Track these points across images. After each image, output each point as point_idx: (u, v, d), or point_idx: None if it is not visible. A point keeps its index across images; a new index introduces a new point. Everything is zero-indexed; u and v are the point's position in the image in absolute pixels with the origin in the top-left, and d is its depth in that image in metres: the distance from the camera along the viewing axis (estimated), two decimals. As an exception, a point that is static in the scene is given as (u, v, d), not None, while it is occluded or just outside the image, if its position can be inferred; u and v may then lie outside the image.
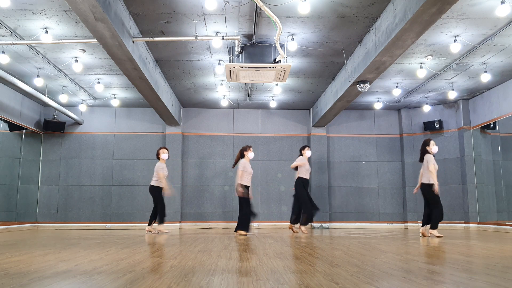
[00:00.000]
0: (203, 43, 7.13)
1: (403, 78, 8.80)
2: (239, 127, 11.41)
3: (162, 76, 8.67)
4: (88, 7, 4.68)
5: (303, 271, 3.11)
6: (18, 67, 8.00)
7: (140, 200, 10.89)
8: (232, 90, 9.83)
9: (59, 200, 10.73)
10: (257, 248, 4.90)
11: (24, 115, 9.92)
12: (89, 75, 8.64)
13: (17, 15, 5.92)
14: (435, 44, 7.01)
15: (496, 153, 10.26)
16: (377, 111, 11.53)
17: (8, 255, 4.22)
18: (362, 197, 11.21)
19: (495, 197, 10.26)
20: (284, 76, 7.11)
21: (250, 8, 5.87)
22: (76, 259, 3.91)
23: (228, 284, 2.60)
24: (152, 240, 6.43)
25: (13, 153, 10.04)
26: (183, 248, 4.92)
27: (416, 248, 4.94)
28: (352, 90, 7.96)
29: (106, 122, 11.17)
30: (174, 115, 10.06)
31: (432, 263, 3.56)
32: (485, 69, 8.08)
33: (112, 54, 6.11)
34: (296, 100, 10.62)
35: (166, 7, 5.85)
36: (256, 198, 11.04)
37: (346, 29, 6.54)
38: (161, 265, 3.46)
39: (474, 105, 10.27)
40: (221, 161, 11.20)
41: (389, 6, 5.71)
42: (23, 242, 5.92)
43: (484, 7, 5.70)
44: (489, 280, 2.73)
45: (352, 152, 11.43)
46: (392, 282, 2.69)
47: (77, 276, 2.94)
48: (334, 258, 3.89)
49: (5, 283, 2.63)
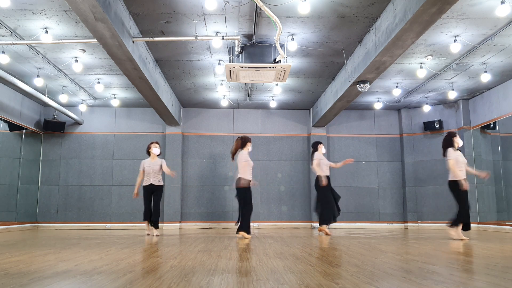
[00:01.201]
0: (203, 43, 7.13)
1: (403, 78, 8.80)
2: (239, 127, 11.41)
3: (162, 76, 8.67)
4: (88, 7, 4.68)
5: (303, 271, 3.11)
6: (18, 67, 8.00)
7: (140, 200, 10.85)
8: (232, 90, 9.82)
9: (59, 200, 10.72)
10: (257, 248, 4.90)
11: (24, 115, 9.92)
12: (89, 75, 8.64)
13: (17, 15, 5.92)
14: (435, 44, 7.01)
15: (496, 153, 10.26)
16: (377, 111, 11.53)
17: (8, 255, 4.22)
18: (362, 197, 11.21)
19: (495, 197, 10.25)
20: (284, 76, 7.11)
21: (250, 8, 5.87)
22: (76, 259, 3.91)
23: (228, 284, 2.60)
24: (152, 240, 6.44)
25: (13, 153, 10.04)
26: (183, 248, 4.92)
27: (416, 248, 4.94)
28: (352, 90, 7.96)
29: (106, 122, 11.17)
30: (174, 115, 10.06)
31: (432, 263, 3.55)
32: (485, 69, 8.08)
33: (112, 54, 6.11)
34: (296, 100, 10.62)
35: (166, 7, 5.85)
36: (256, 198, 11.04)
37: (346, 29, 6.54)
38: (161, 265, 3.46)
39: (474, 105, 10.27)
40: (221, 161, 11.19)
41: (389, 6, 5.71)
42: (23, 242, 5.92)
43: (484, 7, 5.70)
44: (489, 280, 2.73)
45: (352, 152, 11.42)
46: (392, 282, 2.69)
47: (77, 276, 2.94)
48: (334, 258, 3.89)
49: (5, 283, 2.63)
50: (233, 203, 10.99)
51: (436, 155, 10.86)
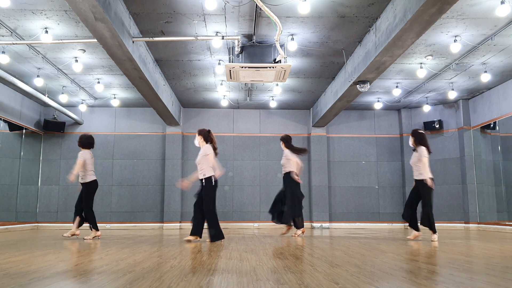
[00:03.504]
0: (203, 43, 7.13)
1: (403, 78, 8.80)
2: (239, 127, 11.41)
3: (162, 76, 8.67)
4: (88, 7, 4.68)
5: (303, 271, 3.11)
6: (18, 67, 8.00)
7: (140, 200, 10.88)
8: (232, 90, 9.82)
9: (59, 200, 10.72)
10: (257, 248, 4.90)
11: (24, 115, 9.92)
12: (89, 75, 8.64)
13: (17, 15, 5.92)
14: (435, 44, 7.01)
15: (496, 153, 10.26)
16: (377, 111, 11.53)
17: (8, 255, 4.22)
18: (362, 197, 11.21)
19: (495, 197, 10.25)
20: (284, 76, 7.11)
21: (250, 8, 5.87)
22: (76, 259, 3.91)
23: (228, 284, 2.60)
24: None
25: (13, 153, 10.04)
26: (183, 248, 4.92)
27: (416, 248, 4.94)
28: (352, 90, 7.96)
29: (106, 122, 11.17)
30: (174, 115, 10.06)
31: (432, 263, 3.55)
32: (485, 69, 8.08)
33: (112, 54, 6.11)
34: (296, 100, 10.62)
35: (166, 7, 5.85)
36: (256, 198, 11.05)
37: (346, 29, 6.54)
38: (161, 265, 3.46)
39: (474, 105, 10.27)
40: (221, 161, 11.11)
41: (389, 6, 5.71)
42: (23, 242, 5.92)
43: (484, 7, 5.70)
44: (489, 280, 2.73)
45: (352, 152, 11.42)
46: (392, 282, 2.69)
47: (77, 276, 2.93)
48: (334, 258, 3.89)
49: (5, 283, 2.63)
50: (233, 203, 10.99)
51: (436, 155, 10.86)
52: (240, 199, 11.04)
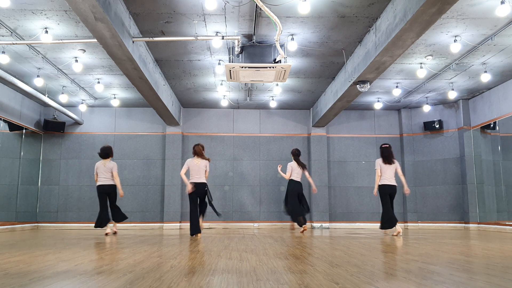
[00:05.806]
0: (203, 43, 7.13)
1: (403, 78, 8.80)
2: (239, 127, 11.41)
3: (162, 76, 8.67)
4: (88, 7, 4.68)
5: (303, 271, 3.11)
6: (18, 67, 8.00)
7: (140, 200, 10.88)
8: (232, 90, 9.82)
9: (59, 200, 10.72)
10: (257, 248, 4.90)
11: (24, 115, 9.92)
12: (89, 75, 8.64)
13: (17, 15, 5.92)
14: (435, 44, 7.01)
15: (496, 153, 10.26)
16: (377, 111, 11.53)
17: (8, 255, 4.22)
18: (362, 197, 11.21)
19: (495, 197, 10.25)
20: (284, 76, 7.11)
21: (250, 8, 5.87)
22: (76, 259, 3.91)
23: (228, 284, 2.60)
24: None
25: (13, 153, 10.03)
26: (183, 248, 4.92)
27: (416, 248, 4.94)
28: (352, 90, 7.96)
29: (106, 122, 11.17)
30: (174, 115, 10.06)
31: (432, 263, 3.55)
32: (485, 69, 8.08)
33: (112, 54, 6.11)
34: (296, 100, 10.62)
35: (166, 7, 5.85)
36: (256, 198, 11.05)
37: (346, 29, 6.54)
38: (161, 265, 3.46)
39: (474, 105, 10.27)
40: (221, 161, 11.19)
41: (389, 6, 5.71)
42: (23, 242, 5.92)
43: (484, 7, 5.70)
44: (489, 280, 2.73)
45: (352, 152, 11.42)
46: (392, 282, 2.69)
47: (77, 276, 2.94)
48: (334, 258, 3.89)
49: (5, 283, 2.63)
50: (233, 203, 10.99)
51: (436, 155, 10.86)
52: (240, 199, 11.04)
